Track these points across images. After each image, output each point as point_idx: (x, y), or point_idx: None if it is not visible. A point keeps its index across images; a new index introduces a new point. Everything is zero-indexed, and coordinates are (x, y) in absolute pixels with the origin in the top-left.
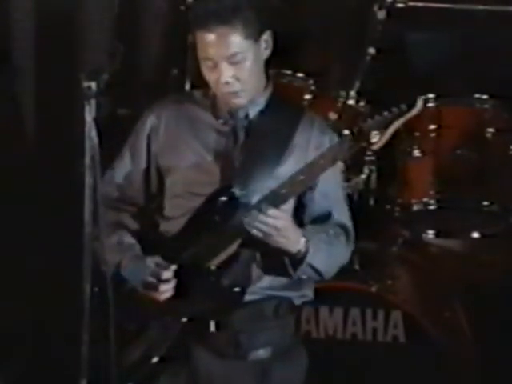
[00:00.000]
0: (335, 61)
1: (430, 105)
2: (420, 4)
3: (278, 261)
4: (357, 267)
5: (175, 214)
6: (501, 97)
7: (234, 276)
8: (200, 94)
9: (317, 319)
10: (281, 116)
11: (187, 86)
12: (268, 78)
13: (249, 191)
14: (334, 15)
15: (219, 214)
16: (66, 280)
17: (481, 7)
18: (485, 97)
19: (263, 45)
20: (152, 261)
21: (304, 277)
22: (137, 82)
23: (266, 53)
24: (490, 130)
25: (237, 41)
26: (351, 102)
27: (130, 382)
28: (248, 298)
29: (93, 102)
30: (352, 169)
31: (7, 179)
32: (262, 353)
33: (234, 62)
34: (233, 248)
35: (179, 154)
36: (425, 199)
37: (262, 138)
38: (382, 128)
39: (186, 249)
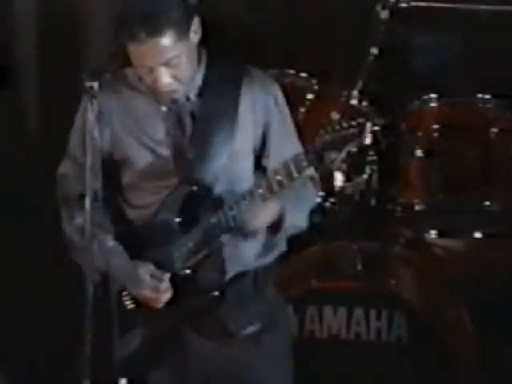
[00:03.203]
0: (338, 61)
1: (433, 105)
2: (423, 4)
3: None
4: (360, 267)
5: (141, 204)
6: (504, 96)
7: (208, 278)
8: (134, 75)
9: (321, 319)
10: (221, 88)
11: None
12: (199, 54)
13: (207, 182)
14: (336, 14)
15: (184, 214)
16: (66, 280)
17: (483, 7)
18: (488, 96)
19: (192, 35)
20: (145, 271)
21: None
22: None
23: (196, 38)
24: (494, 129)
25: (169, 46)
26: (354, 101)
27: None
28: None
29: (95, 101)
30: (354, 168)
31: (7, 179)
32: (250, 328)
33: (171, 65)
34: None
35: (128, 148)
36: (427, 199)
37: (208, 120)
38: (337, 148)
39: (158, 249)
